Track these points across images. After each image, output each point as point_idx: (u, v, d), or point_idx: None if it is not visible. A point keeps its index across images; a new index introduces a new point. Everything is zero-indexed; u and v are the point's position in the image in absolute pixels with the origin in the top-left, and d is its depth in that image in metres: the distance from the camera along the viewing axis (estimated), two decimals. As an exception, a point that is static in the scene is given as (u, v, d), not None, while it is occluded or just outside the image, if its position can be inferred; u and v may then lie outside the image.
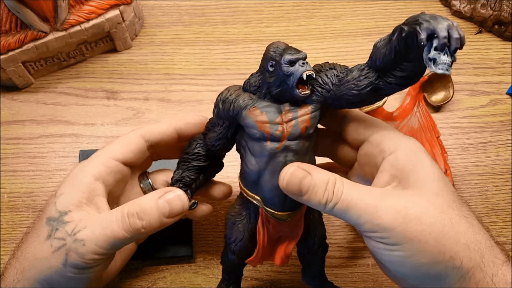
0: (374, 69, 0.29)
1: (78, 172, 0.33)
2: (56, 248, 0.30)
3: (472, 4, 0.56)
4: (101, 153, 0.35)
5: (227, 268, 0.38)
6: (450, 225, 0.28)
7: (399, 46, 0.26)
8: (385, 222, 0.27)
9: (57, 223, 0.31)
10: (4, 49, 0.46)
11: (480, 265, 0.28)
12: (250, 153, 0.31)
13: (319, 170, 0.30)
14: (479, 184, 0.48)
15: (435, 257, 0.27)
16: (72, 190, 0.32)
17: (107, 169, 0.34)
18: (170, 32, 0.56)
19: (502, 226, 0.47)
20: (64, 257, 0.30)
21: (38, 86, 0.53)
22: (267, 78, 0.30)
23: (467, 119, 0.51)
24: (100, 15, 0.49)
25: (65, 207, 0.31)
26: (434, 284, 0.28)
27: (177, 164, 0.36)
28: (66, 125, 0.50)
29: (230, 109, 0.31)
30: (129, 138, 0.35)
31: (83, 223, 0.31)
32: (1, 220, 0.46)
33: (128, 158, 0.35)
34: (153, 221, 0.31)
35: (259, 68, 0.32)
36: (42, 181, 0.48)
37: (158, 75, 0.53)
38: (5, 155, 0.49)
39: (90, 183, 0.33)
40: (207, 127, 0.35)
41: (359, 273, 0.45)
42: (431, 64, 0.24)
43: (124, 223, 0.31)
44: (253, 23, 0.57)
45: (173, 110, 0.51)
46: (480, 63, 0.54)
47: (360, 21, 0.57)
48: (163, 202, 0.32)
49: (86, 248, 0.30)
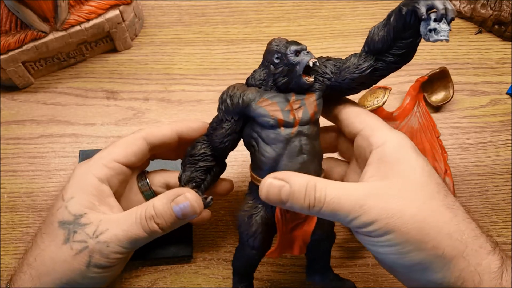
0: (372, 52, 0.32)
1: (84, 175, 0.34)
2: (78, 250, 0.31)
3: (472, 4, 0.56)
4: (104, 155, 0.35)
5: (241, 269, 0.38)
6: (432, 216, 0.29)
7: (397, 25, 0.29)
8: (370, 217, 0.28)
9: (73, 226, 0.32)
10: (4, 49, 0.46)
11: (463, 254, 0.28)
12: (265, 142, 0.32)
13: (296, 175, 0.30)
14: (479, 184, 0.48)
15: (417, 246, 0.28)
16: (82, 193, 0.33)
17: (111, 171, 0.34)
18: (170, 32, 0.56)
19: (502, 226, 0.47)
20: (88, 259, 0.31)
21: (38, 86, 0.53)
22: (273, 70, 0.33)
23: (467, 119, 0.51)
24: (100, 15, 0.49)
25: (79, 210, 0.32)
26: (420, 273, 0.29)
27: (182, 167, 0.37)
28: (66, 125, 0.50)
29: (239, 103, 0.33)
30: (132, 140, 0.36)
31: (104, 225, 0.32)
32: (1, 220, 0.46)
33: (130, 160, 0.36)
34: (169, 223, 0.33)
35: (262, 63, 0.34)
36: (42, 181, 0.48)
37: (158, 75, 0.53)
38: (5, 155, 0.49)
39: (98, 185, 0.34)
40: (211, 127, 0.36)
41: (359, 273, 0.45)
42: (432, 34, 0.27)
43: (143, 226, 0.32)
44: (253, 23, 0.57)
45: (173, 110, 0.51)
46: (480, 63, 0.54)
47: (360, 21, 0.57)
48: (176, 207, 0.33)
49: (110, 249, 0.32)
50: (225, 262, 0.45)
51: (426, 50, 0.55)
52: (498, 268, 0.29)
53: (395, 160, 0.30)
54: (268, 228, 0.35)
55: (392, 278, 0.44)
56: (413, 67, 0.54)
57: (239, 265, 0.38)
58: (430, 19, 0.27)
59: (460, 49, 0.55)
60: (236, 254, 0.38)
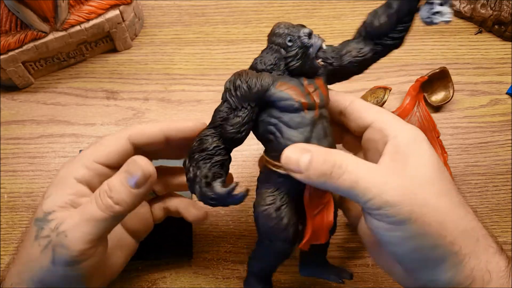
0: (370, 37, 0.34)
1: (63, 174, 0.33)
2: (43, 246, 0.30)
3: (472, 4, 0.56)
4: (85, 155, 0.34)
5: (266, 270, 0.36)
6: (451, 210, 0.28)
7: (403, 10, 0.32)
8: (393, 199, 0.27)
9: (42, 222, 0.31)
10: (4, 49, 0.46)
11: (476, 252, 0.28)
12: (289, 127, 0.31)
13: (317, 146, 0.30)
14: (479, 184, 0.48)
15: (436, 240, 0.27)
16: (57, 192, 0.32)
17: (90, 172, 0.33)
18: (170, 32, 0.56)
19: (502, 226, 0.47)
20: (51, 254, 0.30)
21: (38, 86, 0.53)
22: (285, 54, 0.32)
23: (467, 119, 0.51)
24: (100, 15, 0.49)
25: (50, 207, 0.31)
26: (430, 269, 0.28)
27: (190, 165, 0.32)
28: (66, 125, 0.50)
29: (257, 88, 0.31)
30: (114, 139, 0.34)
31: (65, 217, 0.31)
32: (1, 220, 0.46)
33: (111, 161, 0.34)
34: (123, 196, 0.31)
35: (269, 48, 0.33)
36: (42, 181, 0.48)
37: (158, 75, 0.53)
38: (5, 155, 0.49)
39: (74, 185, 0.33)
40: (221, 117, 0.32)
41: (359, 273, 0.45)
42: (437, 16, 0.30)
43: (98, 204, 0.30)
44: (253, 23, 0.57)
45: (173, 110, 0.51)
46: (480, 63, 0.54)
47: (360, 21, 0.56)
48: (126, 174, 0.31)
49: (69, 239, 0.30)
50: (225, 262, 0.45)
51: (426, 50, 0.55)
52: (505, 267, 0.29)
53: (412, 152, 0.30)
54: (296, 217, 0.33)
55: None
56: (413, 67, 0.54)
57: (265, 267, 0.36)
58: (434, 3, 0.30)
59: (460, 49, 0.55)
60: (257, 256, 0.36)
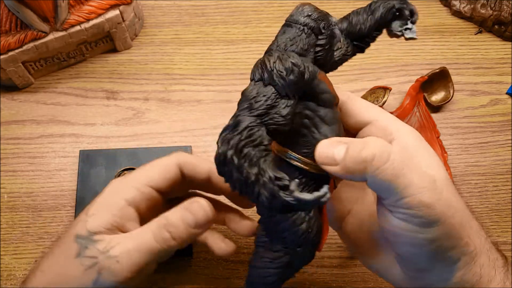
0: (351, 36, 0.32)
1: (112, 194, 0.33)
2: (88, 266, 0.30)
3: (472, 4, 0.56)
4: (138, 177, 0.34)
5: (283, 279, 0.31)
6: (465, 210, 0.28)
7: (384, 19, 0.31)
8: (429, 200, 0.26)
9: (86, 241, 0.30)
10: (4, 49, 0.46)
11: (484, 250, 0.29)
12: (324, 122, 0.28)
13: (351, 138, 0.28)
14: (479, 184, 0.48)
15: (455, 242, 0.27)
16: (104, 212, 0.32)
17: (141, 195, 0.33)
18: (170, 32, 0.56)
19: (502, 226, 0.47)
20: (96, 276, 0.29)
21: (38, 86, 0.53)
22: (316, 41, 0.28)
23: (467, 119, 0.51)
24: (100, 15, 0.49)
25: (95, 228, 0.31)
26: (442, 269, 0.28)
27: (244, 163, 0.25)
28: (66, 125, 0.50)
29: (308, 75, 0.27)
30: (166, 165, 0.34)
31: (116, 240, 0.30)
32: (1, 220, 0.46)
33: (162, 186, 0.34)
34: (181, 233, 0.31)
35: (300, 29, 0.28)
36: (42, 181, 0.48)
37: (158, 75, 0.53)
38: (5, 155, 0.49)
39: (123, 207, 0.32)
40: (268, 105, 0.26)
41: (359, 273, 0.45)
42: (408, 32, 0.31)
43: (155, 236, 0.30)
44: (253, 23, 0.57)
45: (173, 110, 0.51)
46: (480, 63, 0.54)
47: (360, 21, 0.57)
48: (188, 213, 0.31)
49: (119, 266, 0.29)
50: (225, 262, 0.45)
51: (426, 50, 0.55)
52: (503, 264, 0.29)
53: (420, 152, 0.29)
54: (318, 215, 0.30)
55: (392, 278, 0.44)
56: (413, 67, 0.54)
57: (283, 278, 0.31)
58: (408, 20, 0.30)
59: (460, 49, 0.55)
60: (274, 267, 0.30)
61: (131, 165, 0.47)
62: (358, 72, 0.53)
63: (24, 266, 0.44)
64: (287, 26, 0.28)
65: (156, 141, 0.50)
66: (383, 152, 0.26)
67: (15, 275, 0.44)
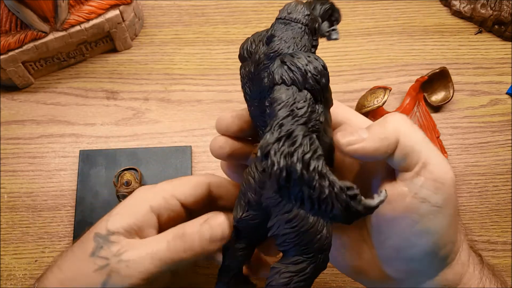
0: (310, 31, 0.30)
1: (138, 198, 0.33)
2: (99, 266, 0.29)
3: (472, 4, 0.56)
4: (166, 187, 0.34)
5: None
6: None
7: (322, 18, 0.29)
8: (442, 176, 0.27)
9: (102, 241, 0.30)
10: (4, 49, 0.46)
11: (465, 247, 0.29)
12: (328, 125, 0.28)
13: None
14: (479, 184, 0.48)
15: (451, 237, 0.28)
16: (126, 214, 0.32)
17: (166, 205, 0.33)
18: (170, 32, 0.56)
19: (502, 226, 0.47)
20: (105, 278, 0.29)
21: (38, 86, 0.53)
22: (313, 42, 0.27)
23: (467, 119, 0.51)
24: (100, 15, 0.49)
25: (114, 228, 0.31)
26: (432, 266, 0.29)
27: (316, 177, 0.24)
28: (66, 125, 0.50)
29: (327, 78, 0.27)
30: (196, 183, 0.34)
31: (129, 245, 0.30)
32: (1, 220, 0.46)
33: (188, 201, 0.34)
34: (195, 245, 0.30)
35: (301, 29, 0.26)
36: (42, 181, 0.48)
37: (158, 75, 0.53)
38: (5, 155, 0.49)
39: (146, 213, 0.32)
40: (306, 114, 0.24)
41: (359, 273, 0.45)
42: (333, 33, 0.28)
43: (169, 245, 0.30)
44: (253, 23, 0.57)
45: (173, 110, 0.51)
46: (480, 63, 0.54)
47: (360, 21, 0.57)
48: (205, 227, 0.31)
49: (129, 271, 0.29)
50: (225, 262, 0.45)
51: (426, 50, 0.55)
52: (479, 262, 0.30)
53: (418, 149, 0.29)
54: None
55: (392, 278, 0.44)
56: (413, 67, 0.54)
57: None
58: (335, 22, 0.29)
59: (460, 49, 0.55)
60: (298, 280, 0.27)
61: (131, 165, 0.47)
62: (358, 72, 0.53)
63: (24, 266, 0.44)
64: (285, 24, 0.27)
65: (156, 141, 0.50)
66: (406, 123, 0.27)
67: (15, 275, 0.44)
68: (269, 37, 0.26)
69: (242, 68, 0.28)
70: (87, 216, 0.45)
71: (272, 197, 0.27)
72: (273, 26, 0.27)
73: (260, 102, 0.27)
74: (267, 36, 0.27)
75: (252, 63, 0.27)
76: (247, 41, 0.29)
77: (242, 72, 0.28)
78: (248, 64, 0.28)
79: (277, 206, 0.26)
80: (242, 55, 0.29)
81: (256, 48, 0.27)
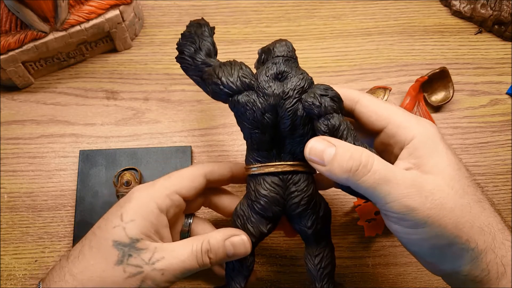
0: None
1: (146, 201, 0.34)
2: (132, 274, 0.32)
3: (472, 4, 0.56)
4: (167, 185, 0.35)
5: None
6: (467, 209, 0.29)
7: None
8: (412, 204, 0.28)
9: (129, 249, 0.32)
10: (4, 49, 0.46)
11: (492, 247, 0.29)
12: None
13: (341, 141, 0.30)
14: (479, 184, 0.48)
15: (452, 240, 0.29)
16: (142, 219, 0.33)
17: (171, 203, 0.35)
18: (170, 32, 0.56)
19: (502, 226, 0.47)
20: (139, 284, 0.32)
21: (38, 86, 0.53)
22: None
23: (467, 119, 0.51)
24: (100, 15, 0.49)
25: (136, 234, 0.32)
26: (450, 262, 0.30)
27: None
28: (66, 125, 0.50)
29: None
30: (192, 175, 0.37)
31: (160, 253, 0.32)
32: (1, 220, 0.46)
33: (189, 194, 0.36)
34: (219, 259, 0.34)
35: (296, 62, 0.34)
36: (42, 181, 0.48)
37: (158, 75, 0.53)
38: (5, 155, 0.49)
39: (158, 214, 0.34)
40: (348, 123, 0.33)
41: (359, 273, 0.45)
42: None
43: (198, 259, 0.33)
44: (253, 23, 0.57)
45: (173, 110, 0.51)
46: (480, 63, 0.54)
47: (360, 21, 0.57)
48: (230, 245, 0.34)
49: (163, 278, 0.32)
50: (225, 262, 0.45)
51: (426, 50, 0.55)
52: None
53: (428, 154, 0.30)
54: None
55: (392, 278, 0.44)
56: (413, 67, 0.54)
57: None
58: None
59: (460, 49, 0.55)
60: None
61: (131, 165, 0.47)
62: (358, 72, 0.53)
63: (24, 266, 0.44)
64: (288, 61, 0.33)
65: (156, 141, 0.50)
66: (367, 162, 0.29)
67: (15, 275, 0.44)
68: (281, 73, 0.33)
69: (245, 96, 0.33)
70: (87, 216, 0.45)
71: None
72: (278, 63, 0.33)
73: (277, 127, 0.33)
74: (276, 72, 0.33)
75: (270, 96, 0.32)
76: (230, 74, 0.33)
77: (252, 100, 0.33)
78: (257, 95, 0.33)
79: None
80: (233, 88, 0.33)
81: (262, 83, 0.33)
